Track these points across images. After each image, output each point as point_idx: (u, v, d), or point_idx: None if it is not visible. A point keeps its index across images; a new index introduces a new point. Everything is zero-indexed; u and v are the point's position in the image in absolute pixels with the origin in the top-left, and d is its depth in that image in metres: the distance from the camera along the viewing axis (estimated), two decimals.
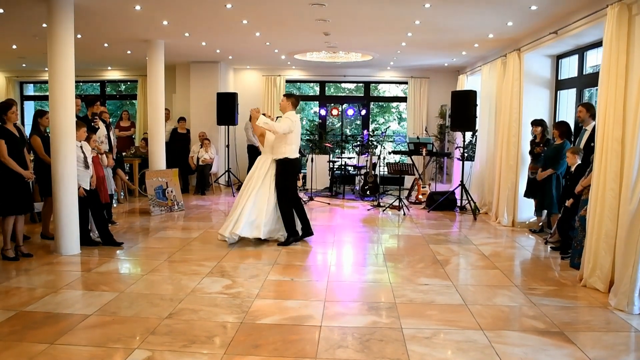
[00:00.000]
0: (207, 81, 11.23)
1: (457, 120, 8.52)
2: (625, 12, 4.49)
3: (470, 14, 6.30)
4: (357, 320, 3.92)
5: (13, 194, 5.28)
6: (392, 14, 6.40)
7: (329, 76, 12.35)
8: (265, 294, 4.46)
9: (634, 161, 4.15)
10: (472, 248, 6.27)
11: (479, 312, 4.09)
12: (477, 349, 3.43)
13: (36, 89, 13.69)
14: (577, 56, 6.84)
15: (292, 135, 6.05)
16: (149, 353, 3.29)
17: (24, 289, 4.55)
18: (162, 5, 6.20)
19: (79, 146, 5.87)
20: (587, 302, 4.39)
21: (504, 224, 7.53)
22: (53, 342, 3.41)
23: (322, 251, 6.10)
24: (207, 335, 3.58)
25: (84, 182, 5.92)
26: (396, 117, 14.19)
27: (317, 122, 12.70)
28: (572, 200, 5.68)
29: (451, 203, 8.82)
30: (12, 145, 5.28)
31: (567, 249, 5.68)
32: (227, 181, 10.98)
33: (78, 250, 5.71)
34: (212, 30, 7.76)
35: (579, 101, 6.71)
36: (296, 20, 6.89)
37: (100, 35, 8.00)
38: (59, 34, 5.51)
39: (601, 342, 3.56)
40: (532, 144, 7.02)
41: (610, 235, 4.49)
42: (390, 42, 8.41)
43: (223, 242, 6.23)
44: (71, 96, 5.64)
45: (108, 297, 4.29)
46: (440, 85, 11.76)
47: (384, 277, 5.04)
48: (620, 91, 4.49)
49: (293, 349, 3.40)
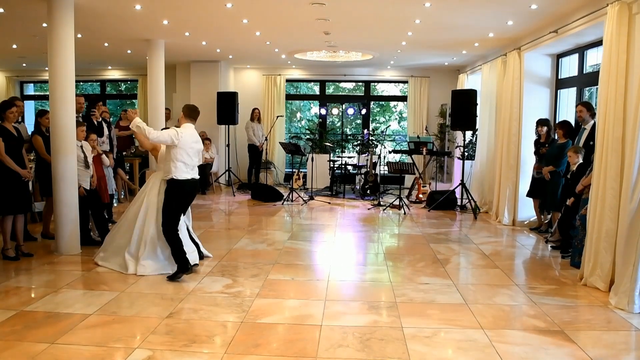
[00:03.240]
0: (207, 80, 11.23)
1: (458, 119, 8.52)
2: (626, 11, 4.49)
3: (471, 13, 6.29)
4: (358, 319, 3.92)
5: (11, 194, 5.28)
6: (392, 13, 6.39)
7: (329, 75, 12.34)
8: (266, 294, 4.46)
9: (634, 160, 4.15)
10: (472, 247, 6.27)
11: (480, 311, 4.09)
12: (478, 348, 3.43)
13: (36, 88, 13.69)
14: (577, 55, 6.84)
15: (178, 151, 4.91)
16: (150, 352, 3.29)
17: (25, 288, 4.55)
18: (163, 5, 6.19)
19: (79, 146, 5.87)
20: (588, 301, 4.39)
21: (505, 223, 7.53)
22: (53, 341, 3.41)
23: (323, 250, 6.10)
24: (208, 335, 3.59)
25: (84, 182, 5.92)
26: (397, 117, 14.19)
27: (317, 121, 12.69)
28: (573, 199, 5.68)
29: (451, 202, 8.81)
30: (10, 145, 5.28)
31: (567, 248, 5.68)
32: (227, 181, 10.98)
33: (78, 250, 5.71)
34: (213, 30, 7.75)
35: (579, 100, 6.70)
36: (296, 19, 6.89)
37: (101, 34, 8.00)
38: (59, 34, 5.51)
39: (602, 341, 3.56)
40: (537, 144, 6.99)
41: (611, 234, 4.49)
42: (390, 41, 8.40)
43: (224, 241, 6.22)
44: (71, 96, 5.63)
45: (108, 297, 4.29)
46: (440, 84, 11.75)
47: (384, 276, 5.04)
48: (621, 90, 4.49)
49: (294, 349, 3.40)
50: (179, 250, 4.87)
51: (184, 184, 4.98)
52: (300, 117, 14.58)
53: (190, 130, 5.10)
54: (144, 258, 5.00)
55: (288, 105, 13.34)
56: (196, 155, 5.12)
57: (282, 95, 12.14)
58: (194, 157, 5.07)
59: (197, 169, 5.15)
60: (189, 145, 4.99)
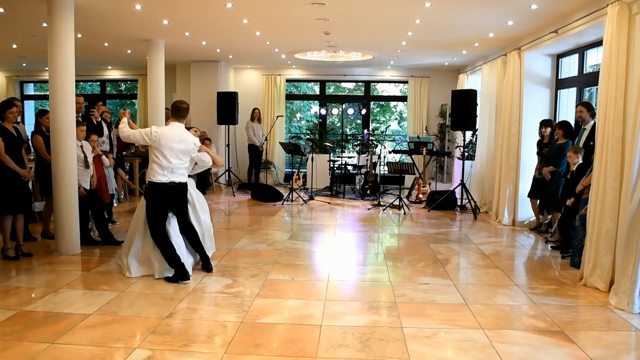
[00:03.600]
0: (207, 80, 11.23)
1: (458, 119, 8.52)
2: (626, 12, 4.49)
3: (471, 13, 6.29)
4: (358, 319, 3.92)
5: (10, 193, 5.28)
6: (392, 13, 6.39)
7: (329, 75, 12.34)
8: (266, 294, 4.46)
9: (634, 160, 4.15)
10: (472, 247, 6.27)
11: (480, 311, 4.09)
12: (478, 348, 3.43)
13: (36, 88, 13.69)
14: (577, 55, 6.84)
15: (153, 151, 4.67)
16: (150, 352, 3.29)
17: (25, 288, 4.55)
18: (163, 5, 6.19)
19: (79, 146, 5.87)
20: (588, 301, 4.39)
21: (505, 223, 7.53)
22: (53, 341, 3.41)
23: (323, 250, 6.10)
24: (208, 335, 3.59)
25: (84, 182, 5.92)
26: (397, 117, 14.19)
27: (317, 121, 12.70)
28: (573, 200, 5.68)
29: (451, 202, 8.81)
30: (10, 144, 5.27)
31: (567, 248, 5.68)
32: (227, 181, 10.98)
33: (78, 250, 5.71)
34: (213, 30, 7.75)
35: (579, 100, 6.70)
36: (296, 19, 6.89)
37: (101, 34, 8.00)
38: (59, 34, 5.51)
39: (601, 341, 3.56)
40: (539, 144, 6.99)
41: (611, 234, 4.49)
42: (390, 41, 8.40)
43: (224, 241, 6.22)
44: (71, 96, 5.63)
45: (108, 297, 4.29)
46: (440, 84, 11.75)
47: (384, 276, 5.04)
48: (621, 90, 4.49)
49: (293, 349, 3.40)
50: (168, 254, 4.68)
51: (156, 188, 4.67)
52: (300, 117, 14.59)
53: (173, 129, 4.75)
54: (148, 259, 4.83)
55: (288, 105, 13.34)
56: (178, 157, 4.72)
57: (282, 95, 12.14)
58: (173, 158, 4.68)
59: (180, 172, 4.76)
60: (167, 145, 4.64)
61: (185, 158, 4.80)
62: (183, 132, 4.81)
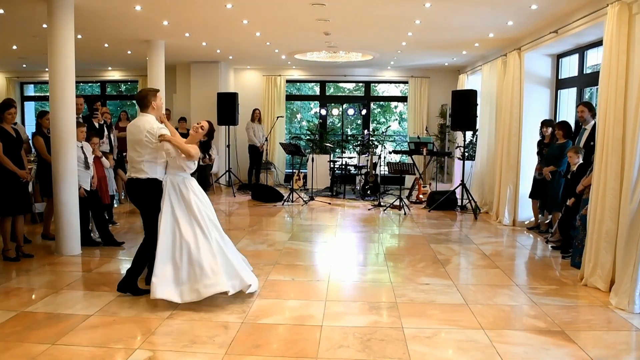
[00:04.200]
0: (207, 81, 11.23)
1: (458, 119, 8.52)
2: (626, 12, 4.49)
3: (471, 14, 6.30)
4: (358, 319, 3.92)
5: (9, 195, 5.28)
6: (392, 13, 6.39)
7: (329, 76, 12.35)
8: (266, 294, 4.46)
9: (634, 160, 4.15)
10: (472, 247, 6.27)
11: (480, 311, 4.09)
12: (478, 348, 3.43)
13: (36, 89, 13.69)
14: (577, 55, 6.84)
15: None
16: (150, 353, 3.30)
17: (25, 289, 4.55)
18: (163, 6, 6.20)
19: (80, 147, 5.87)
20: (588, 301, 4.38)
21: (505, 224, 7.53)
22: (54, 342, 3.41)
23: (323, 251, 6.10)
24: (208, 335, 3.59)
25: (85, 183, 5.92)
26: (397, 117, 14.20)
27: (317, 122, 12.70)
28: (573, 200, 5.68)
29: (452, 202, 8.81)
30: (9, 145, 5.27)
31: (567, 248, 5.68)
32: (227, 181, 10.97)
33: (79, 251, 5.71)
34: (213, 31, 7.75)
35: (580, 100, 6.70)
36: (296, 20, 6.89)
37: (101, 35, 8.00)
38: (59, 34, 5.51)
39: (602, 341, 3.57)
40: (540, 145, 6.98)
41: (611, 234, 4.49)
42: (390, 41, 8.40)
43: None
44: (71, 96, 5.64)
45: (109, 297, 4.29)
46: (440, 84, 11.76)
47: (384, 276, 5.04)
48: (621, 90, 4.49)
49: (294, 349, 3.40)
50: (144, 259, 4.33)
51: None
52: (300, 118, 14.59)
53: (135, 120, 4.40)
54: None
55: (288, 106, 13.35)
56: (134, 148, 4.22)
57: (283, 95, 12.14)
58: (130, 151, 4.27)
59: (139, 167, 4.22)
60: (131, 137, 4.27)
61: (141, 150, 4.19)
62: (140, 121, 4.29)
